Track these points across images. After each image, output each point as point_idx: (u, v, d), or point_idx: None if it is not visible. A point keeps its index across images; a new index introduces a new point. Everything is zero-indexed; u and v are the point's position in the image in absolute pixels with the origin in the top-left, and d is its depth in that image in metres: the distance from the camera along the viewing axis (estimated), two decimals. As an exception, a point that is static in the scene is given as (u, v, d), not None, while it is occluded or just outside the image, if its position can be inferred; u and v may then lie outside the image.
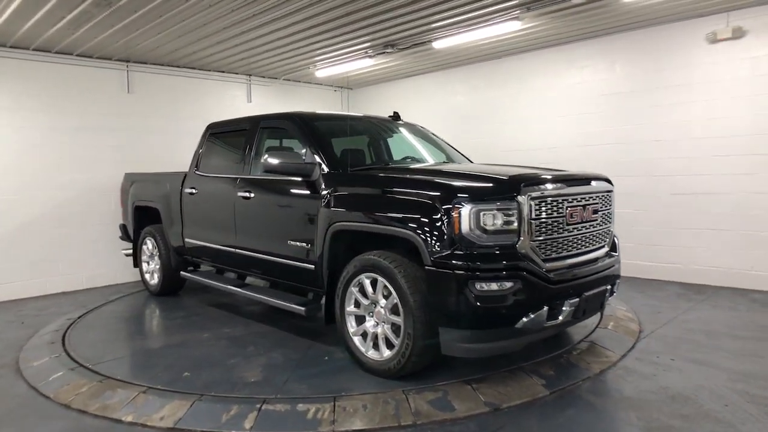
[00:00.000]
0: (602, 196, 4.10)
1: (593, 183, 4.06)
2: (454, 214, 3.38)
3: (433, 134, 5.89)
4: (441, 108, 9.13)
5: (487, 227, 3.37)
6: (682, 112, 6.56)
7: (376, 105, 10.01)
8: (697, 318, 5.19)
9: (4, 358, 4.59)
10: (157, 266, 6.56)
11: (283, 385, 3.76)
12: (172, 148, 8.19)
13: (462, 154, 5.67)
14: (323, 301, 4.24)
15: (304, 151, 4.52)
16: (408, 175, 3.95)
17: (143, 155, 7.92)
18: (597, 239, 4.05)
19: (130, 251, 7.10)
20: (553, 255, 3.62)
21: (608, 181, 4.28)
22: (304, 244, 4.39)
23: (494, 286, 3.34)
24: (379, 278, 3.75)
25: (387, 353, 3.76)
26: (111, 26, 6.01)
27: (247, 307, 6.11)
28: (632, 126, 6.97)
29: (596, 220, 4.00)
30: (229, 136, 5.71)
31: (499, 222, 3.39)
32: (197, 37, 6.61)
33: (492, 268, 3.36)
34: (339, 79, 9.90)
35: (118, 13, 5.59)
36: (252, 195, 4.90)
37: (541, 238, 3.54)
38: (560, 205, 3.67)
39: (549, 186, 3.65)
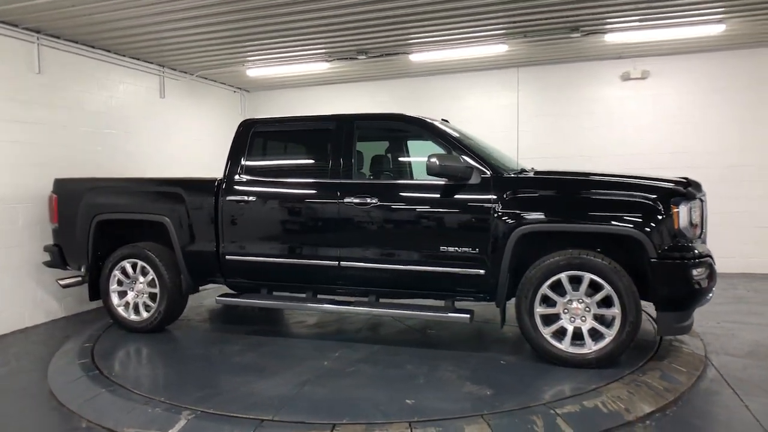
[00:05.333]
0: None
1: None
2: (674, 212, 3.89)
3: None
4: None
5: (693, 222, 3.99)
6: (602, 133, 8.17)
7: (276, 110, 9.47)
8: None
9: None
10: (144, 296, 5.20)
11: (528, 390, 3.68)
12: (83, 149, 6.50)
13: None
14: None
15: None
16: (609, 179, 4.26)
17: (58, 156, 6.09)
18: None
19: (75, 280, 5.45)
20: (701, 244, 4.43)
21: None
22: (468, 249, 4.27)
23: (699, 271, 3.96)
24: (586, 275, 3.99)
25: (595, 345, 4.01)
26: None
27: (292, 330, 5.37)
28: (561, 144, 8.34)
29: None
30: (296, 137, 4.99)
31: (695, 217, 4.03)
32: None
33: (698, 255, 3.98)
34: (242, 81, 9.09)
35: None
36: (373, 201, 4.47)
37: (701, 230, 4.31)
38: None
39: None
